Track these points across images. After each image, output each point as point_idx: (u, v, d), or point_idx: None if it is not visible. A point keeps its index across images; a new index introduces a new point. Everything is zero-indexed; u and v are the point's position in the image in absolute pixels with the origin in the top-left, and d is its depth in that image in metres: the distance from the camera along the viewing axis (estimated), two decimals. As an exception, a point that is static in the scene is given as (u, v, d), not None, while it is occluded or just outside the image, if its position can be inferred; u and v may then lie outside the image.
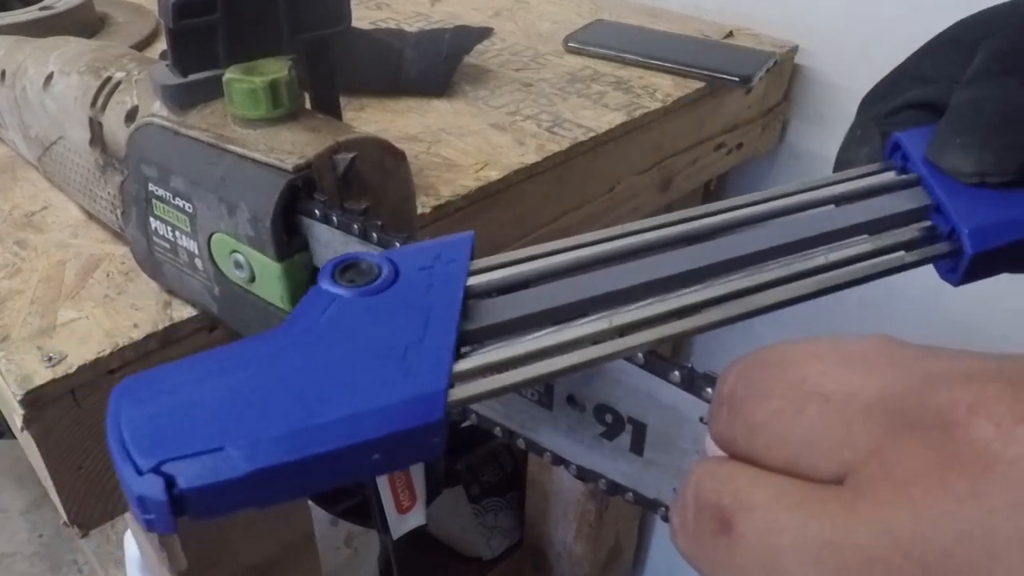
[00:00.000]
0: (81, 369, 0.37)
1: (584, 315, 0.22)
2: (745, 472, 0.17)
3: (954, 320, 0.70)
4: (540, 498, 0.99)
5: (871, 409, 0.15)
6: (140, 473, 0.17)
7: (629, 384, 0.25)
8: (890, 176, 0.27)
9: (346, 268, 0.22)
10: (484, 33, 0.68)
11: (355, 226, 0.30)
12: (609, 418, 0.26)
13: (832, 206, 0.26)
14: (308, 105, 0.40)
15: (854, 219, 0.25)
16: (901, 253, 0.24)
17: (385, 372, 0.19)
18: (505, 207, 0.54)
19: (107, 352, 0.38)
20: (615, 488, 0.27)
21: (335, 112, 0.43)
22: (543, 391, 0.27)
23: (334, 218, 0.31)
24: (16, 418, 0.37)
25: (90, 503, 0.41)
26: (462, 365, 0.20)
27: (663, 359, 0.24)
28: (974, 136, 0.25)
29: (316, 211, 0.32)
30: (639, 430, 0.25)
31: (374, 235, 0.29)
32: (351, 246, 0.30)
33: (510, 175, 0.53)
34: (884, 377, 0.16)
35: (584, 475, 0.27)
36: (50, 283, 0.43)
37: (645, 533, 1.08)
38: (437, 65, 0.64)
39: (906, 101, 0.30)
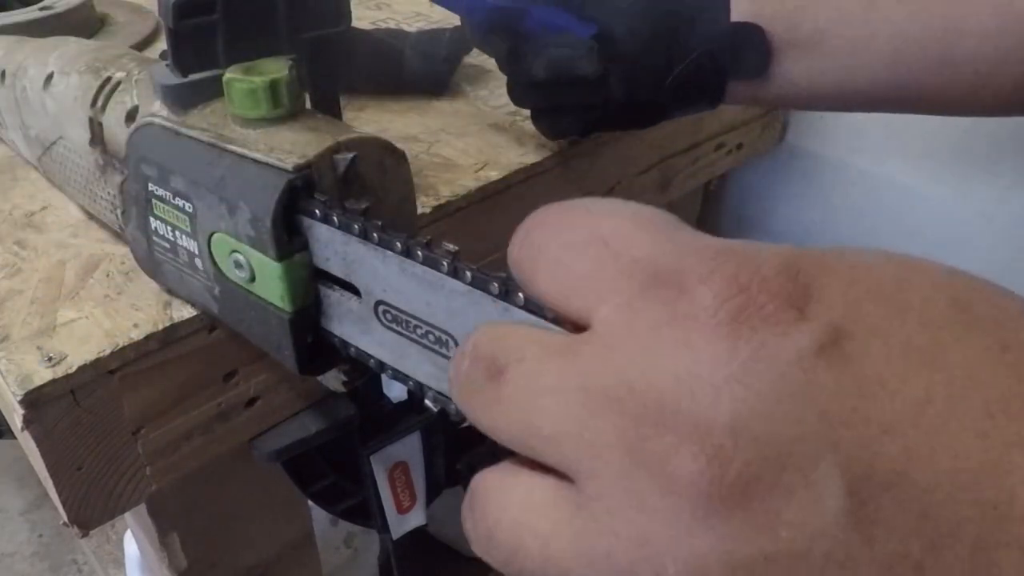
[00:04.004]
0: (81, 369, 0.37)
1: None
2: (519, 330, 0.19)
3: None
4: (540, 498, 0.99)
5: (635, 264, 0.18)
6: None
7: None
8: None
9: None
10: (484, 33, 0.68)
11: (355, 226, 0.30)
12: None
13: None
14: (308, 105, 0.40)
15: None
16: None
17: None
18: (505, 207, 0.54)
19: (107, 352, 0.38)
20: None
21: (335, 112, 0.43)
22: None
23: (334, 218, 0.31)
24: (16, 418, 0.37)
25: (90, 503, 0.41)
26: None
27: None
28: None
29: (316, 211, 0.31)
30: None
31: (374, 235, 0.29)
32: (351, 246, 0.30)
33: (510, 175, 0.53)
34: (657, 240, 0.18)
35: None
36: (50, 283, 0.43)
37: (645, 533, 1.08)
38: (437, 65, 0.64)
39: None
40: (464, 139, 0.57)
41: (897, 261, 0.18)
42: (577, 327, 0.19)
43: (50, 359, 0.37)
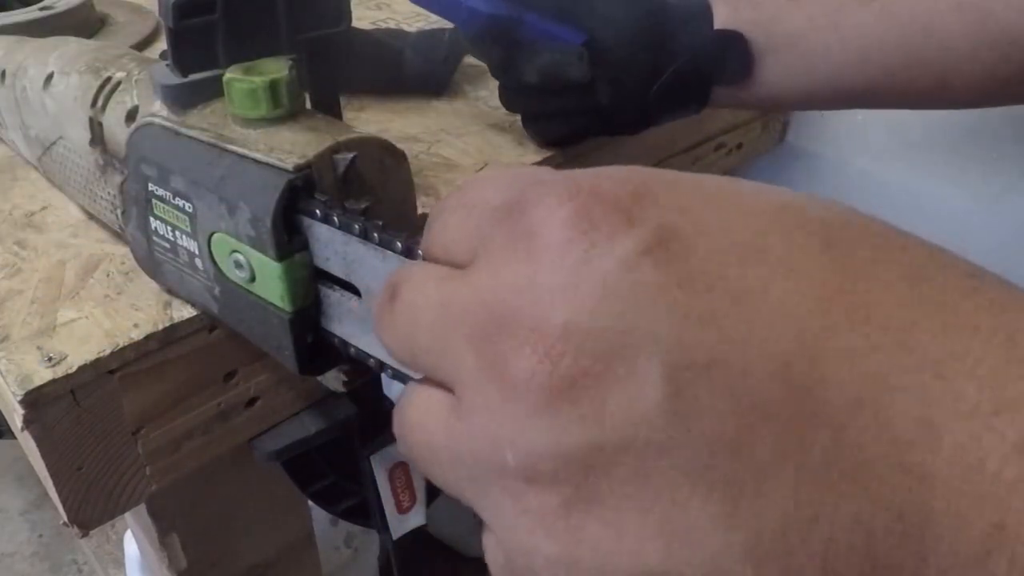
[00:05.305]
0: (81, 369, 0.37)
1: None
2: (421, 264, 0.23)
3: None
4: (540, 498, 0.99)
5: (493, 211, 0.20)
6: None
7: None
8: None
9: None
10: (484, 33, 0.68)
11: (355, 226, 0.30)
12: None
13: None
14: (308, 105, 0.40)
15: None
16: None
17: None
18: (505, 207, 0.54)
19: (107, 352, 0.38)
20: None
21: (335, 112, 0.43)
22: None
23: (334, 218, 0.31)
24: (16, 418, 0.37)
25: (90, 503, 0.41)
26: None
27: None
28: None
29: (316, 211, 0.32)
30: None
31: (375, 235, 0.29)
32: (351, 245, 0.30)
33: (510, 175, 0.53)
34: (511, 189, 0.21)
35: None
36: (50, 283, 0.43)
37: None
38: (437, 65, 0.64)
39: None
40: (464, 139, 0.57)
41: (739, 180, 0.20)
42: None
43: (50, 359, 0.37)
